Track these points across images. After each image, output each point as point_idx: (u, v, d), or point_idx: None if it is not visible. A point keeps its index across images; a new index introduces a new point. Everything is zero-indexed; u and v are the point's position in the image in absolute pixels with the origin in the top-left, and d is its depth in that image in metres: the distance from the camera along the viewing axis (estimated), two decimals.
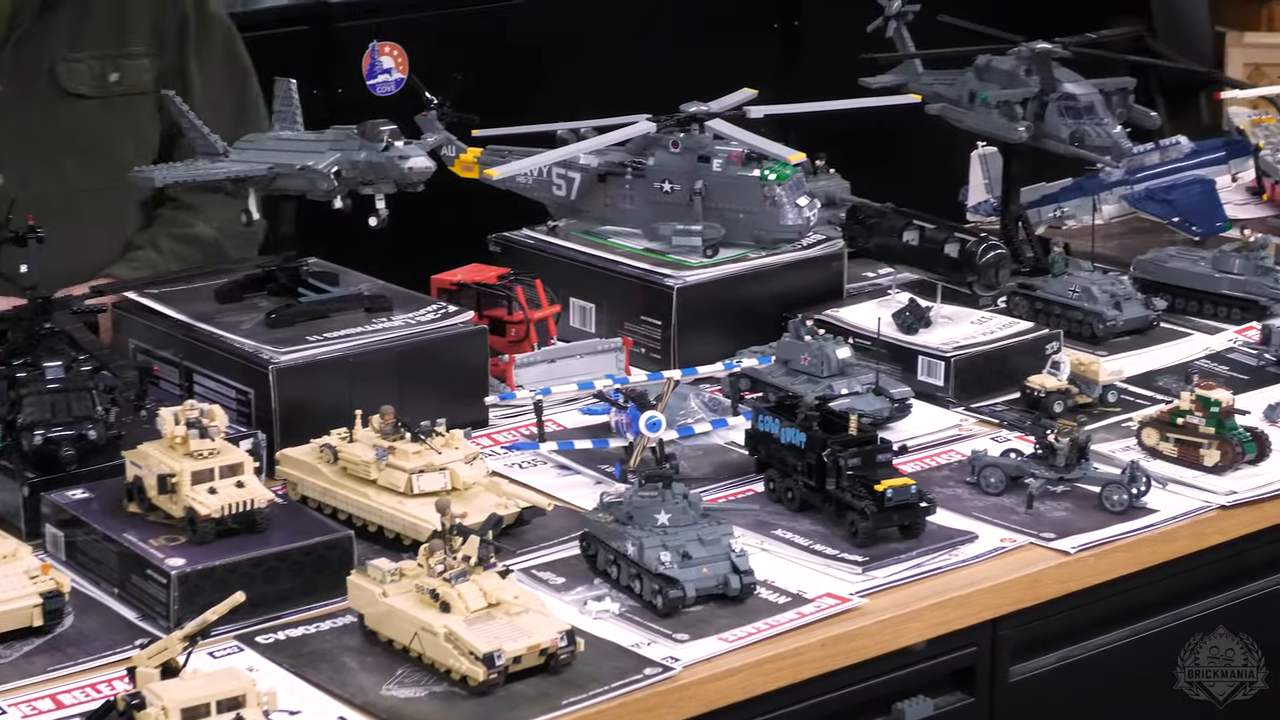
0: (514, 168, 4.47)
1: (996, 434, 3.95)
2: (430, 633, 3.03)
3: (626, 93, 4.93)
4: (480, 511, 3.34)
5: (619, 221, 4.47)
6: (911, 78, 4.93)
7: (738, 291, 4.33)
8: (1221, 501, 3.68)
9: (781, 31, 7.29)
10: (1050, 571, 3.46)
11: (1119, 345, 4.38)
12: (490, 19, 6.65)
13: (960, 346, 4.14)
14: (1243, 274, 4.52)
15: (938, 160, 5.13)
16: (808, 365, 3.98)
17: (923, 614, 3.32)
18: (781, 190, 4.32)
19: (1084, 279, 4.45)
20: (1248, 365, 4.29)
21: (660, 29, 6.95)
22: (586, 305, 4.40)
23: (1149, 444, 3.84)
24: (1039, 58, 4.65)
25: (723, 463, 3.84)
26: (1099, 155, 4.60)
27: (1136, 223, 5.13)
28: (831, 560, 3.43)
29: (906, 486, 3.46)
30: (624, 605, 3.26)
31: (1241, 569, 3.77)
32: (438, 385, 3.87)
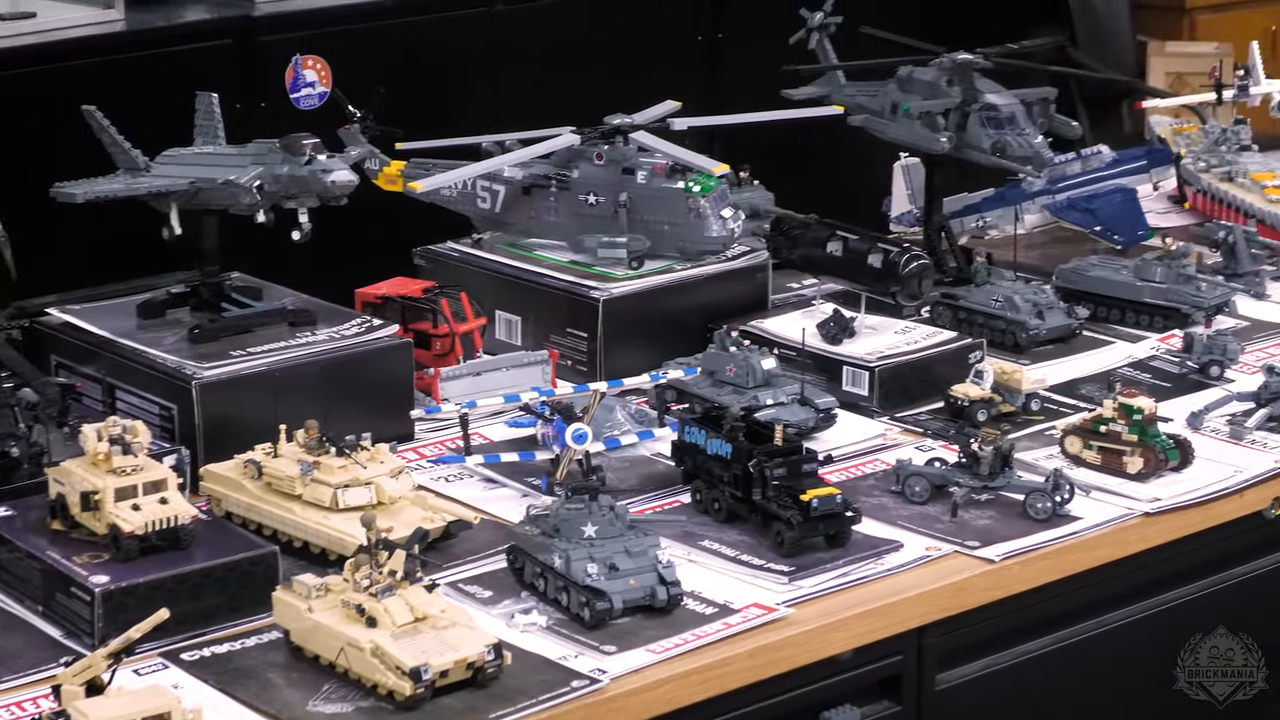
0: (438, 181, 4.46)
1: (921, 443, 3.97)
2: (356, 648, 3.02)
3: (550, 105, 4.93)
4: (406, 526, 3.33)
5: (544, 234, 4.47)
6: (834, 89, 4.95)
7: (663, 303, 4.34)
8: (1145, 509, 3.70)
9: (705, 44, 7.30)
10: (975, 579, 3.47)
11: (1042, 354, 4.40)
12: (413, 32, 6.63)
13: (884, 356, 4.15)
14: (1165, 282, 4.55)
15: (861, 171, 5.15)
16: (733, 376, 3.99)
17: (849, 623, 3.33)
18: (706, 202, 4.33)
19: (1006, 288, 4.47)
20: (1170, 373, 4.32)
21: (584, 41, 6.94)
22: (512, 318, 4.39)
23: (1072, 452, 3.86)
24: (961, 69, 4.67)
25: (649, 474, 3.84)
26: (1021, 165, 4.63)
27: (1059, 232, 5.16)
28: (758, 570, 3.43)
29: (832, 496, 3.47)
30: (551, 618, 3.26)
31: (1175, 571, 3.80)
32: (363, 399, 3.86)
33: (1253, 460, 3.89)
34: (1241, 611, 3.92)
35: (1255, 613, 3.96)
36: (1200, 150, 5.25)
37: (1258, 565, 3.94)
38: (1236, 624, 3.89)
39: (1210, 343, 4.29)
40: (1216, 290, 4.59)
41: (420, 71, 6.53)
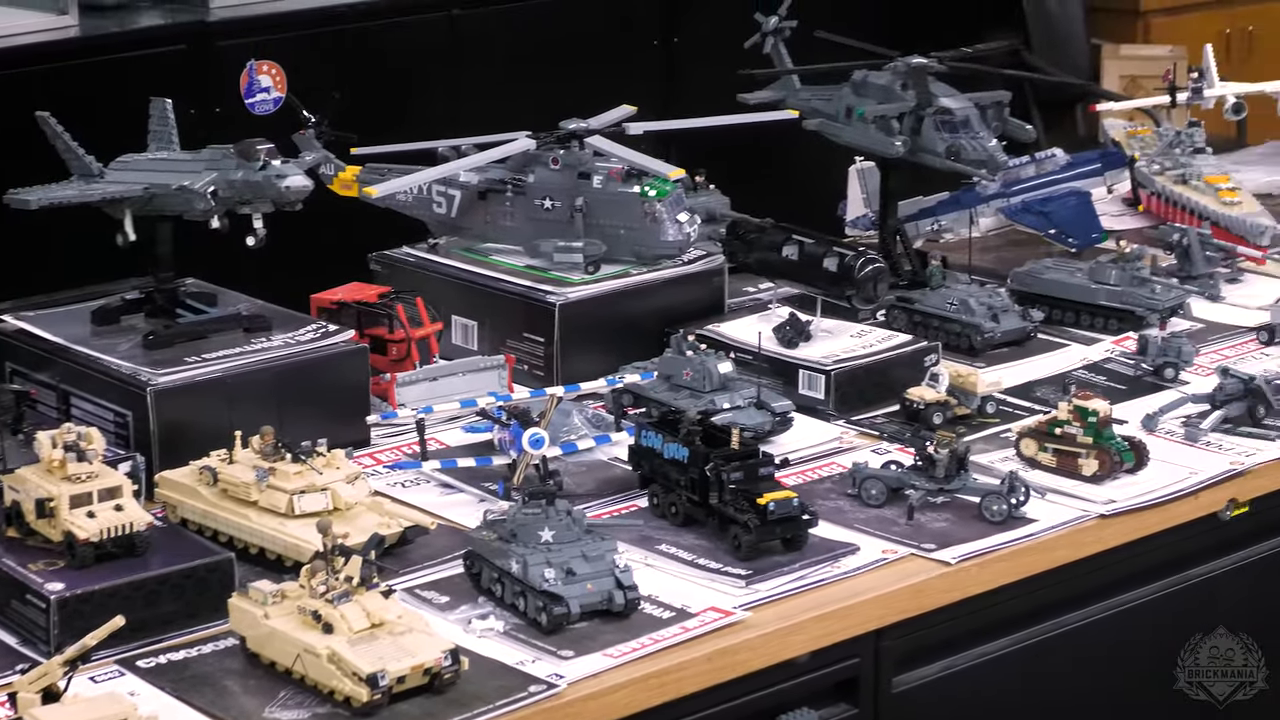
0: (393, 185, 4.46)
1: (877, 446, 3.98)
2: (313, 654, 3.01)
3: (507, 110, 4.93)
4: (362, 531, 3.33)
5: (500, 239, 4.47)
6: (789, 93, 4.96)
7: (619, 308, 4.34)
8: (1100, 510, 3.71)
9: (661, 48, 7.31)
10: (932, 582, 3.48)
11: (997, 357, 4.41)
12: (370, 37, 6.63)
13: (840, 360, 4.16)
14: (1119, 285, 4.57)
15: (816, 175, 5.16)
16: (690, 380, 3.99)
17: (806, 626, 3.33)
18: (662, 206, 4.33)
19: (961, 292, 4.48)
20: (1125, 375, 4.33)
21: (541, 46, 6.96)
22: (468, 323, 4.39)
23: (1027, 454, 3.88)
24: (915, 72, 4.68)
25: (606, 479, 3.84)
26: (975, 169, 4.64)
27: (1013, 235, 5.18)
28: (715, 574, 3.44)
29: (789, 499, 3.48)
30: (508, 623, 3.26)
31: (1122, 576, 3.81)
32: (318, 405, 3.86)
33: (1208, 462, 3.90)
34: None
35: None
36: (1154, 153, 5.27)
37: (1215, 566, 3.95)
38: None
39: (1165, 345, 4.30)
40: (1171, 293, 4.61)
41: (377, 76, 6.54)
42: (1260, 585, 4.04)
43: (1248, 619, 3.93)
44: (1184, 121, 5.38)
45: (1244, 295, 4.82)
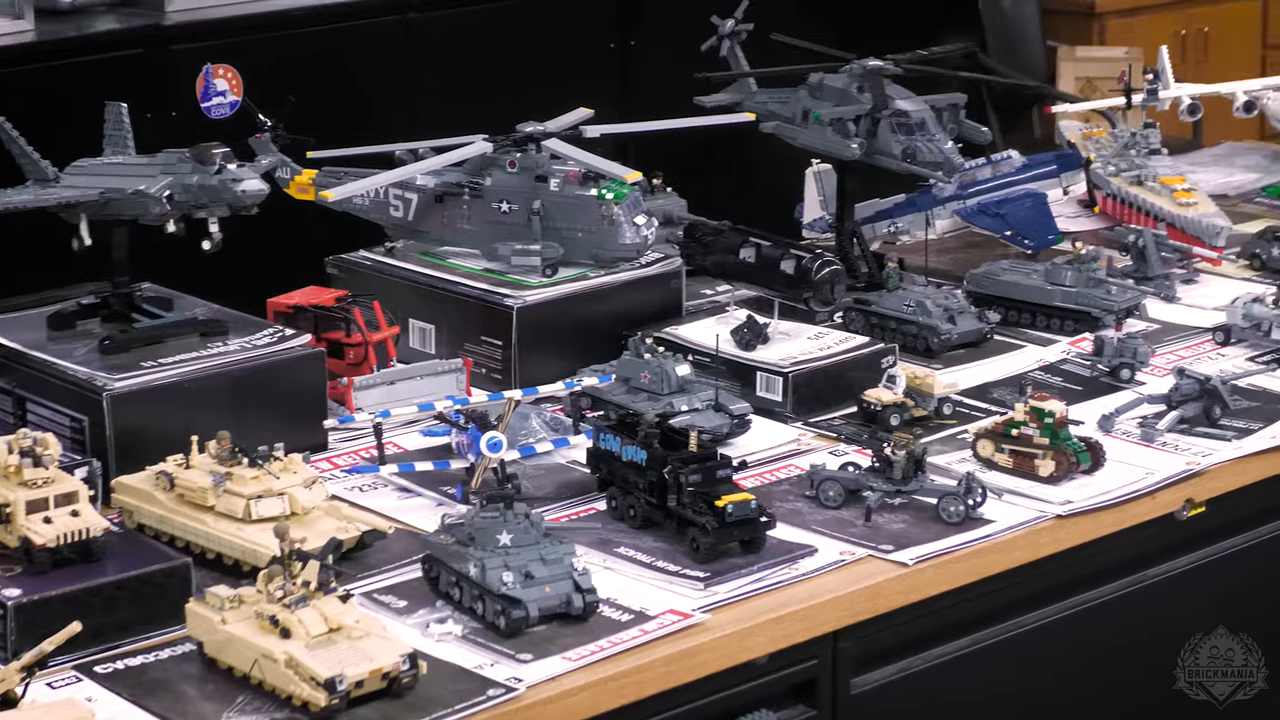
0: (350, 189, 4.45)
1: (835, 448, 3.99)
2: (271, 659, 3.00)
3: (464, 113, 4.93)
4: (320, 536, 3.32)
5: (457, 242, 4.47)
6: (746, 96, 4.96)
7: (577, 310, 4.34)
8: (1057, 511, 3.72)
9: (618, 51, 7.32)
10: (889, 583, 3.49)
11: (953, 358, 4.43)
12: (327, 40, 6.63)
13: (798, 362, 4.17)
14: (1075, 286, 4.58)
15: (773, 178, 5.17)
16: (648, 383, 4.00)
17: (764, 628, 3.34)
18: (619, 209, 4.33)
19: (918, 293, 4.49)
20: (1081, 376, 4.35)
21: (496, 49, 6.95)
22: (426, 326, 4.39)
23: (984, 455, 3.89)
24: (871, 75, 4.70)
25: (565, 481, 3.84)
26: (931, 171, 4.66)
27: (970, 237, 5.19)
28: (674, 577, 3.44)
29: (746, 502, 3.48)
30: (467, 627, 3.26)
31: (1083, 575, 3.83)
32: (275, 409, 3.85)
33: (1164, 462, 3.92)
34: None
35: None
36: (1110, 154, 5.28)
37: (1172, 566, 3.97)
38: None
39: (1121, 346, 4.32)
40: (1127, 294, 4.63)
41: (333, 80, 6.53)
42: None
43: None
44: (1139, 123, 5.40)
45: (1199, 296, 4.84)
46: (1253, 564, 4.09)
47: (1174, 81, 5.52)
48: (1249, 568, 4.08)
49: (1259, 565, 4.11)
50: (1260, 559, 4.11)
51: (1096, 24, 9.61)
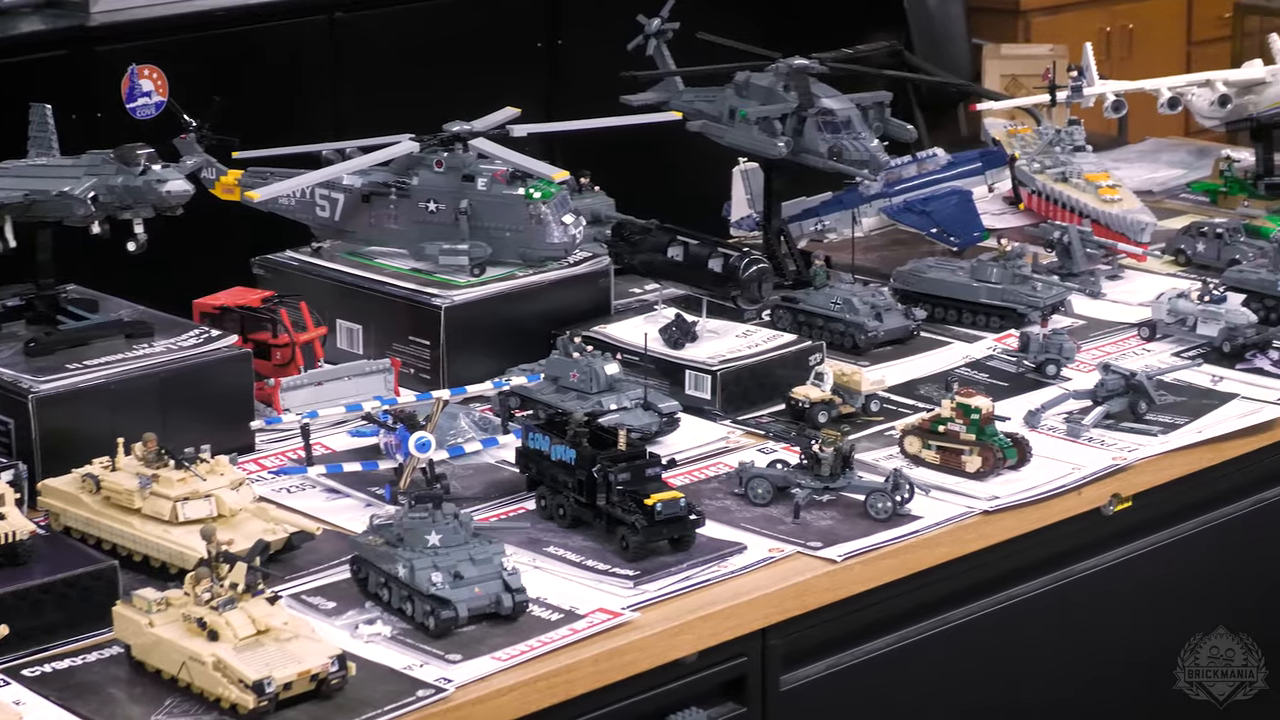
0: (275, 189, 4.43)
1: (763, 445, 3.99)
2: (199, 662, 2.99)
3: (391, 113, 4.92)
4: (247, 538, 3.31)
5: (384, 242, 4.46)
6: (672, 95, 4.97)
7: (506, 310, 4.34)
8: (984, 507, 3.74)
9: (544, 50, 7.31)
10: (818, 580, 3.50)
11: (880, 355, 4.44)
12: (252, 40, 6.60)
13: (726, 360, 4.18)
14: (1000, 283, 4.60)
15: (700, 176, 5.18)
16: (577, 382, 4.00)
17: (693, 626, 3.34)
18: (547, 208, 4.33)
19: (845, 291, 4.50)
20: (1007, 372, 4.37)
21: (423, 48, 6.94)
22: (353, 327, 4.37)
23: (911, 452, 3.90)
24: (797, 74, 4.71)
25: (494, 481, 3.84)
26: (857, 169, 4.67)
27: (896, 234, 5.21)
28: (603, 575, 3.44)
29: (676, 500, 3.49)
30: (396, 628, 3.25)
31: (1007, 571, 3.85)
32: (202, 411, 3.84)
33: (1090, 457, 3.94)
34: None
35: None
36: (1034, 152, 5.31)
37: (1099, 561, 3.99)
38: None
39: (1046, 342, 4.34)
40: (1052, 290, 4.65)
41: (259, 80, 6.51)
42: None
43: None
44: (1064, 120, 5.42)
45: (1125, 292, 4.87)
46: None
47: (1098, 78, 5.56)
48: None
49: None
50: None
51: (1021, 22, 9.66)
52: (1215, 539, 4.18)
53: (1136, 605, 3.92)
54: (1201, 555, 4.14)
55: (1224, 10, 9.67)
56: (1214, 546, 4.18)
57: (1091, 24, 9.67)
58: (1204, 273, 4.88)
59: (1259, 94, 5.48)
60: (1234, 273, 4.70)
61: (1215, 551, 4.18)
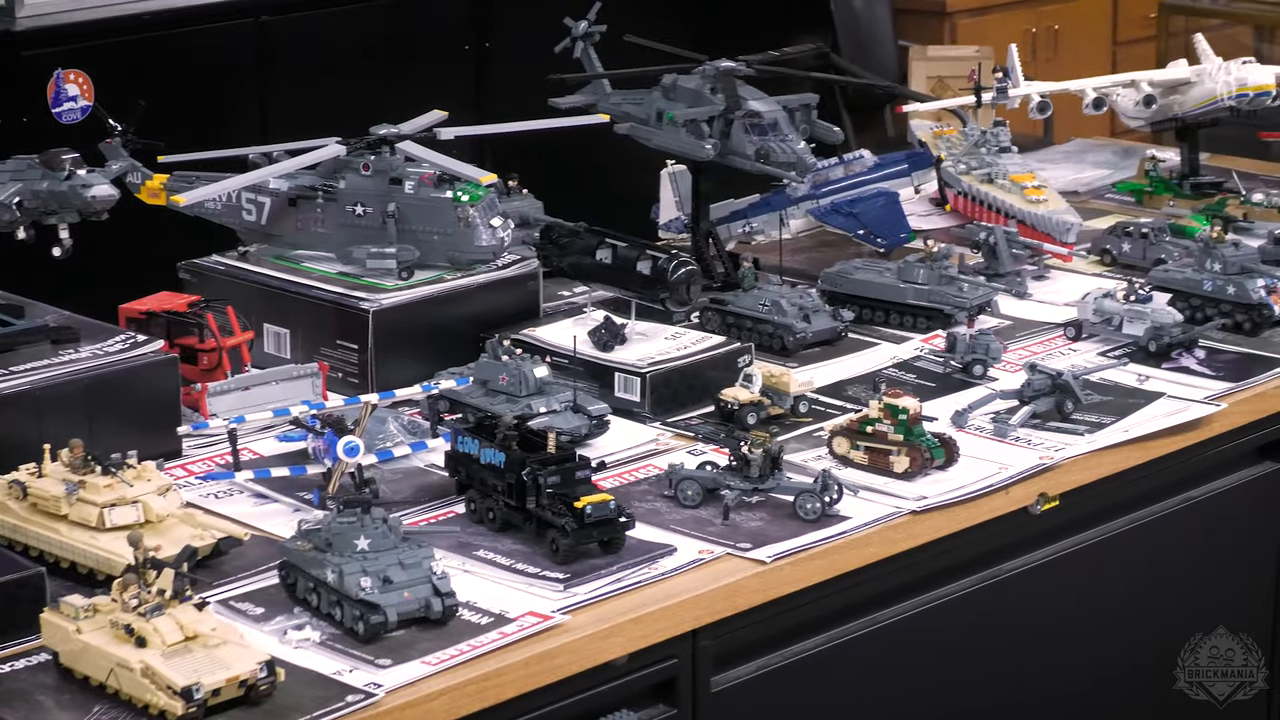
0: (201, 193, 4.41)
1: (693, 447, 4.00)
2: (126, 668, 2.98)
3: (318, 116, 4.91)
4: (175, 544, 3.29)
5: (312, 245, 4.45)
6: (600, 98, 4.97)
7: (434, 313, 4.33)
8: (912, 507, 3.76)
9: (472, 53, 7.31)
10: (747, 581, 3.51)
11: (809, 356, 4.45)
12: (178, 44, 6.57)
13: (655, 362, 4.18)
14: (927, 284, 4.62)
15: (628, 179, 5.18)
16: (506, 385, 4.00)
17: (623, 628, 3.35)
18: (475, 211, 4.33)
19: (773, 293, 4.52)
20: (934, 373, 4.38)
21: (350, 51, 6.93)
22: (281, 331, 4.36)
23: (840, 452, 3.92)
24: (723, 76, 4.72)
25: (423, 485, 3.83)
26: (784, 171, 4.68)
27: (823, 236, 5.22)
28: (533, 579, 3.44)
29: (605, 502, 3.49)
30: (325, 633, 3.24)
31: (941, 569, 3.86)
32: (128, 416, 3.81)
33: (1017, 457, 3.96)
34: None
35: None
36: (960, 153, 5.34)
37: (1027, 560, 4.01)
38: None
39: (973, 342, 4.36)
40: (978, 290, 4.67)
41: (186, 84, 6.48)
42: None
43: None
44: (990, 121, 5.45)
45: (1051, 292, 4.90)
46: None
47: (1024, 79, 5.58)
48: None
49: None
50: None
51: (947, 23, 9.71)
52: (1143, 538, 4.21)
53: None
54: (1130, 553, 4.17)
55: (1149, 10, 9.74)
56: (1142, 545, 4.21)
57: (1017, 25, 9.72)
58: (1129, 272, 4.91)
59: (1184, 94, 5.52)
60: (1159, 272, 4.74)
61: (1143, 550, 4.21)
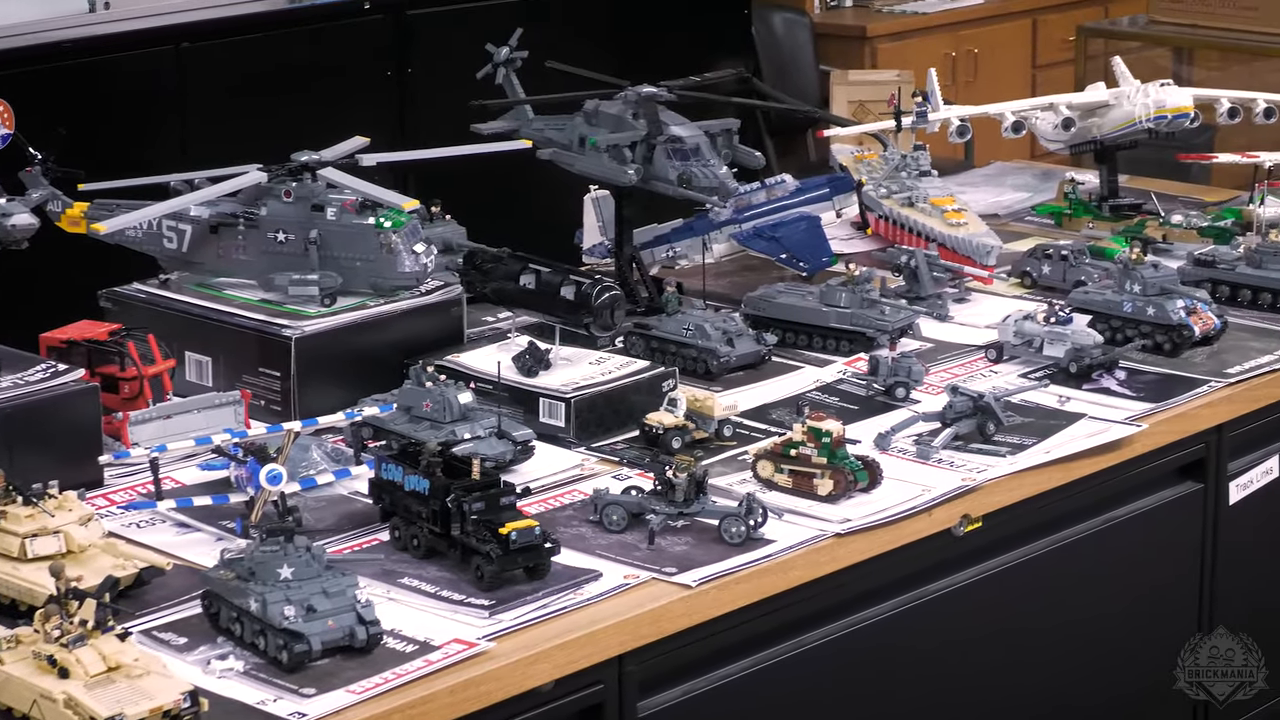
0: (122, 221, 4.39)
1: (618, 472, 4.00)
2: (49, 699, 2.96)
3: (238, 143, 4.89)
4: (97, 574, 3.28)
5: (233, 273, 4.43)
6: (523, 123, 4.98)
7: (357, 340, 4.32)
8: (836, 529, 3.77)
9: (394, 79, 7.30)
10: (673, 605, 3.51)
11: (733, 380, 4.46)
12: (98, 72, 6.55)
13: (580, 387, 4.18)
14: (849, 307, 4.64)
15: (552, 204, 5.18)
16: (430, 411, 3.99)
17: (550, 654, 3.34)
18: (397, 237, 4.32)
19: (697, 317, 4.53)
20: (857, 395, 4.40)
21: (273, 78, 6.91)
22: (202, 359, 4.34)
23: (764, 476, 3.92)
24: (645, 102, 4.73)
25: (347, 513, 3.82)
26: (707, 196, 4.70)
27: (746, 260, 5.24)
28: (458, 606, 3.43)
29: (530, 528, 3.49)
30: (248, 662, 3.23)
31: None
32: (50, 446, 3.79)
33: (940, 479, 3.98)
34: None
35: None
36: (881, 177, 5.35)
37: (951, 582, 4.03)
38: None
39: (895, 365, 4.38)
40: (900, 314, 4.69)
41: (106, 111, 6.45)
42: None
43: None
44: (910, 145, 5.47)
45: (972, 314, 4.92)
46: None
47: (943, 103, 5.61)
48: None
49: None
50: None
51: (868, 48, 9.77)
52: (1065, 558, 4.23)
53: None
54: (1052, 574, 4.19)
55: (1067, 34, 9.81)
56: (1064, 565, 4.23)
57: (937, 49, 9.80)
58: (1049, 294, 4.94)
59: (1102, 116, 5.55)
60: (1079, 294, 4.77)
61: (1067, 569, 4.23)
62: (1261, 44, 7.61)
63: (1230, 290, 4.93)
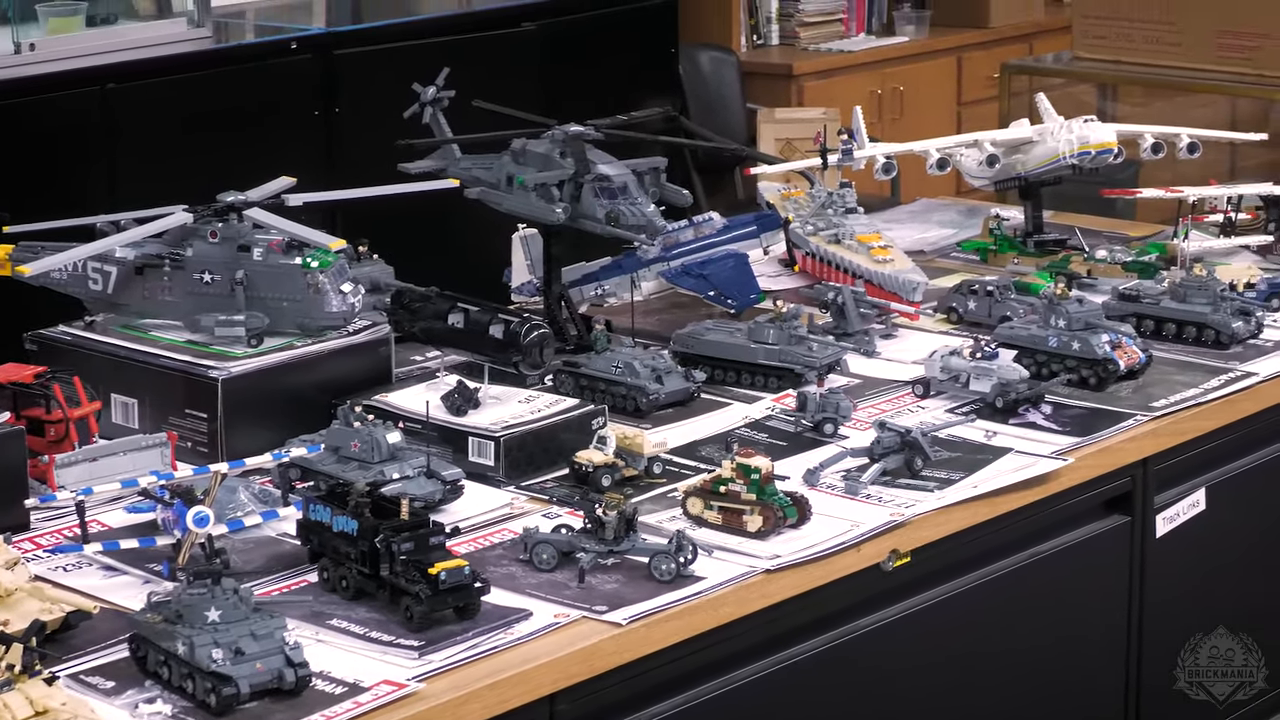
0: (47, 264, 4.37)
1: (547, 510, 4.00)
2: None
3: (165, 184, 4.88)
4: (23, 618, 3.26)
5: (159, 314, 4.41)
6: (450, 163, 4.98)
7: (285, 380, 4.31)
8: (766, 565, 3.77)
9: (322, 119, 7.29)
10: (604, 644, 3.51)
11: (662, 418, 4.47)
12: (22, 112, 6.52)
13: (509, 426, 4.18)
14: (777, 344, 4.65)
15: (480, 243, 5.19)
16: (358, 451, 3.98)
17: (480, 694, 3.33)
18: (324, 277, 4.31)
19: (626, 355, 4.53)
20: (785, 432, 4.41)
21: (197, 119, 6.89)
22: (128, 401, 4.32)
23: (694, 513, 3.93)
24: (572, 140, 4.74)
25: (275, 554, 3.80)
26: (635, 234, 4.71)
27: (675, 298, 5.25)
28: (388, 647, 3.42)
29: (460, 568, 3.48)
30: (177, 706, 3.21)
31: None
32: None
33: (869, 514, 3.99)
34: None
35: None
36: (808, 214, 5.37)
37: (880, 617, 4.04)
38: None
39: (823, 401, 4.39)
40: (828, 350, 4.70)
41: (32, 153, 6.42)
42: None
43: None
44: (836, 182, 5.50)
45: (898, 350, 4.94)
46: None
47: (869, 141, 5.64)
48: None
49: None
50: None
51: (794, 85, 9.82)
52: (993, 592, 4.24)
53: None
54: (981, 608, 4.21)
55: (992, 71, 9.87)
56: (992, 600, 4.25)
57: (863, 87, 9.85)
58: (975, 330, 4.97)
59: (1026, 153, 5.59)
60: (1005, 329, 4.79)
61: (995, 603, 4.25)
62: (1185, 79, 7.67)
63: (1155, 324, 4.96)
